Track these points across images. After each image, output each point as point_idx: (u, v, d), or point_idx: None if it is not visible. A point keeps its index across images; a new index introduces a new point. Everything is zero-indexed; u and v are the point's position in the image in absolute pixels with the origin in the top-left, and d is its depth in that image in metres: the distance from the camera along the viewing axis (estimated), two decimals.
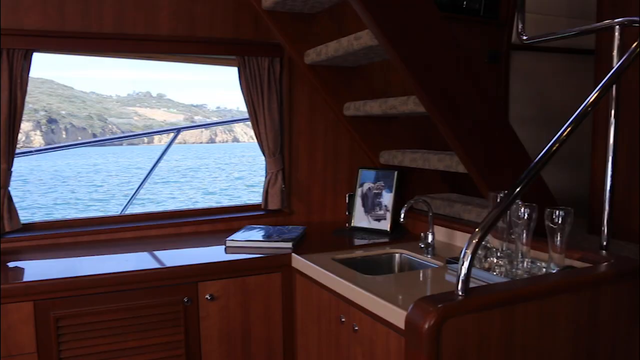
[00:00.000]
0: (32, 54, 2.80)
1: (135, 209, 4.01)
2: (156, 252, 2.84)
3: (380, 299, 1.95)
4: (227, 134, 73.07)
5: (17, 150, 2.90)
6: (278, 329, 2.70)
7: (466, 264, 1.53)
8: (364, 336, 2.09)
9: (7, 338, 2.27)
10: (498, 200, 2.07)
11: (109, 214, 3.34)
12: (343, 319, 2.23)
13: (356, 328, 2.13)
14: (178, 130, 3.85)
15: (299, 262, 2.58)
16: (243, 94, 3.20)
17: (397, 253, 2.74)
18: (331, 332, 2.35)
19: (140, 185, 3.82)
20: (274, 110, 3.22)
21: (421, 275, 2.36)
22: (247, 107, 3.21)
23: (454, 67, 2.31)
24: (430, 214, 2.66)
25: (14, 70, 2.73)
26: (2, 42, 2.70)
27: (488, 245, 2.13)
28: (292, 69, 3.29)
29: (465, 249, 1.53)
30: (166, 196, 27.05)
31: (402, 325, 1.73)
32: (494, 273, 2.03)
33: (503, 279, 1.98)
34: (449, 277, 2.24)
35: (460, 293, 1.53)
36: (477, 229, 1.57)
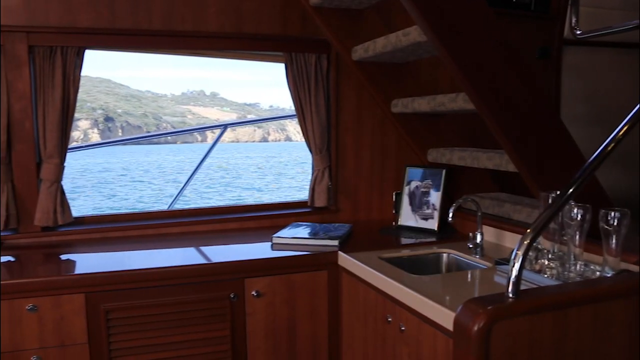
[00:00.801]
0: (84, 51, 2.87)
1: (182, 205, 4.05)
2: (203, 248, 2.87)
3: (428, 300, 1.92)
4: (280, 132, 73.42)
5: (71, 146, 2.98)
6: (324, 326, 2.70)
7: (517, 265, 1.49)
8: (410, 337, 2.07)
9: (60, 328, 2.34)
10: (550, 200, 2.01)
11: (157, 209, 3.40)
12: (389, 319, 2.21)
13: (403, 328, 2.10)
14: (225, 127, 3.88)
15: (346, 260, 2.57)
16: (290, 90, 3.21)
17: (444, 253, 2.70)
18: (377, 331, 2.33)
19: (187, 181, 3.87)
20: (321, 107, 3.22)
21: (469, 275, 2.32)
22: (294, 104, 3.22)
23: (504, 63, 2.26)
24: (479, 214, 2.61)
25: (67, 67, 2.81)
26: (56, 40, 2.79)
27: (539, 246, 2.08)
28: (339, 66, 3.28)
29: (517, 250, 1.50)
30: (213, 193, 27.32)
31: (450, 326, 1.70)
32: (545, 275, 1.98)
33: (554, 281, 1.93)
34: (498, 278, 2.19)
35: (510, 295, 1.49)
36: (528, 230, 1.53)
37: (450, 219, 2.49)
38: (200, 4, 3.04)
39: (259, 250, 2.79)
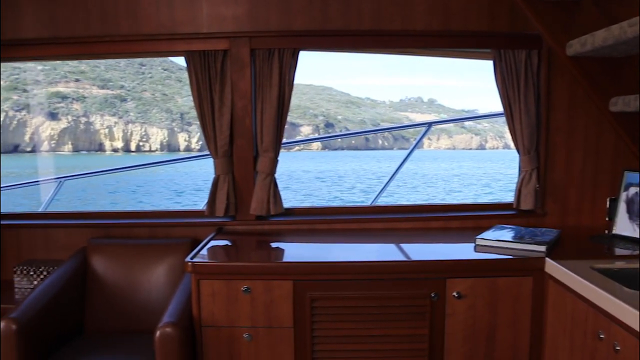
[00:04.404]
0: (298, 53, 3.06)
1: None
2: (405, 245, 2.91)
3: None
4: (498, 140, 71.09)
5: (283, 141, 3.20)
6: (525, 335, 2.59)
7: None
8: (627, 359, 1.90)
9: (269, 311, 2.54)
10: None
11: (360, 204, 3.51)
12: (602, 335, 2.05)
13: (617, 348, 1.94)
14: (429, 125, 3.88)
15: (553, 267, 2.44)
16: (498, 88, 3.11)
17: None
18: (586, 347, 2.18)
19: (389, 179, 3.93)
20: (530, 106, 3.08)
21: None
22: (502, 103, 3.12)
23: None
24: None
25: (283, 68, 3.02)
26: (274, 43, 3.01)
27: None
28: (550, 62, 3.12)
29: None
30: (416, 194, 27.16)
31: None
32: None
33: None
34: None
35: None
36: None
37: None
38: (408, 3, 3.07)
39: (462, 251, 2.76)
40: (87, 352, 2.64)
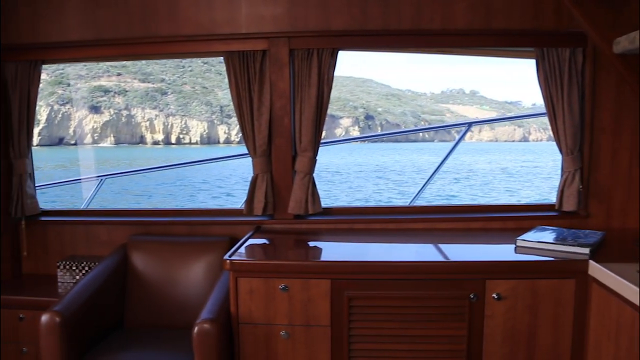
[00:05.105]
0: (337, 52, 3.06)
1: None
2: (444, 245, 2.89)
3: None
4: (542, 132, 69.69)
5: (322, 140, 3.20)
6: (567, 339, 2.54)
7: None
8: None
9: (307, 309, 2.55)
10: None
11: (399, 204, 3.49)
12: None
13: None
14: (469, 125, 3.83)
15: (597, 270, 2.39)
16: (541, 87, 3.06)
17: None
18: (632, 353, 2.13)
19: (429, 178, 3.91)
20: (574, 105, 3.02)
21: None
22: (544, 102, 3.06)
23: None
24: None
25: (322, 67, 3.02)
26: (313, 43, 3.02)
27: None
28: (596, 60, 3.04)
29: None
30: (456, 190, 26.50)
31: None
32: None
33: None
34: None
35: None
36: None
37: None
38: (448, 1, 3.03)
39: (502, 252, 2.73)
40: (126, 346, 2.69)
